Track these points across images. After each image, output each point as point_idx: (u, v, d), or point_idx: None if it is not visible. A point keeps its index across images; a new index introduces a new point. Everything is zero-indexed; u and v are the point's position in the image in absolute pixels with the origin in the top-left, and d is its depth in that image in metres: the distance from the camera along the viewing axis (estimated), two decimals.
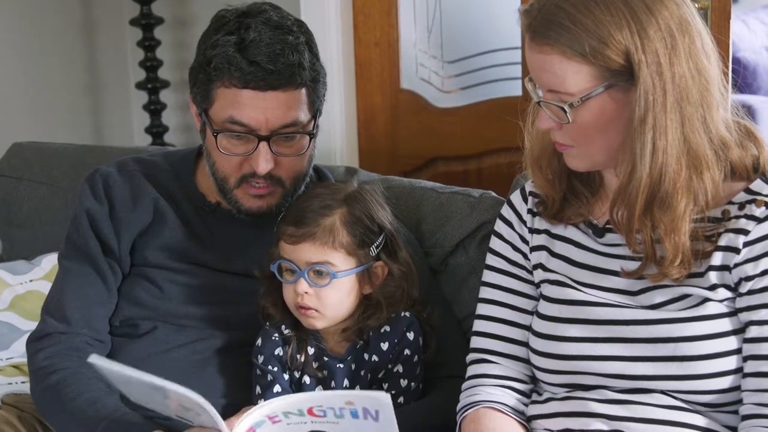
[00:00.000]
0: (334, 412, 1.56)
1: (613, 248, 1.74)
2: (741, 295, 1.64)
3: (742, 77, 4.56)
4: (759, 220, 1.63)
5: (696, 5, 1.89)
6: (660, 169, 1.60)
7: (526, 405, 1.80)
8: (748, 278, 1.63)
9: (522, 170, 1.85)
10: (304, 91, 1.95)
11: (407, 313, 1.94)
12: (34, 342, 2.02)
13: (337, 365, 1.91)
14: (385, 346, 1.91)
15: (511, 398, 1.80)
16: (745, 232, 1.63)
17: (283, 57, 1.91)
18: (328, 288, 1.87)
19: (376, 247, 1.91)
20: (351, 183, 1.96)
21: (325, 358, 1.92)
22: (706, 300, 1.65)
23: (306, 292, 1.87)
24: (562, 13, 1.58)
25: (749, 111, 1.80)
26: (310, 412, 1.57)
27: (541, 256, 1.80)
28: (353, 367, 1.91)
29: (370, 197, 1.93)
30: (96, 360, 1.70)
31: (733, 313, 1.65)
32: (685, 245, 1.63)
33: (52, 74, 3.60)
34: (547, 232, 1.81)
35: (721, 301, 1.65)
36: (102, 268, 2.04)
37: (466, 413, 1.80)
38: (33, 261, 2.53)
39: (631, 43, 1.57)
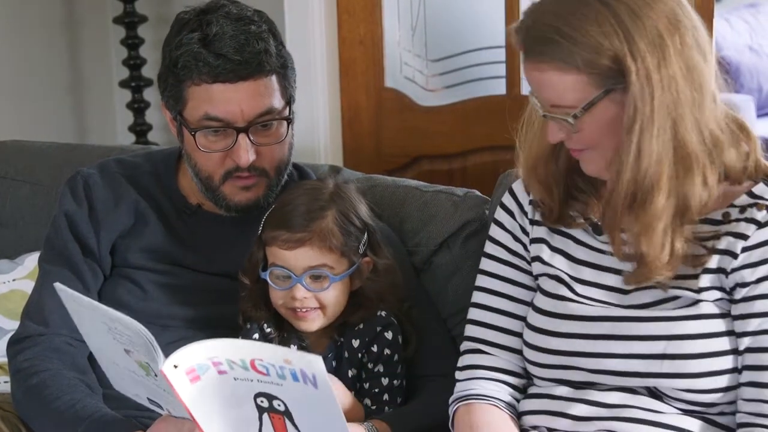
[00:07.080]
0: (276, 371, 1.53)
1: (610, 246, 1.73)
2: (735, 301, 1.63)
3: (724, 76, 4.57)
4: (759, 225, 1.63)
5: None
6: (644, 172, 1.59)
7: (518, 400, 1.80)
8: (744, 284, 1.62)
9: (505, 170, 1.85)
10: (274, 77, 1.96)
11: (383, 313, 1.93)
12: (14, 345, 2.02)
13: None
14: (356, 343, 1.91)
15: (505, 393, 1.80)
16: (745, 237, 1.62)
17: (248, 46, 1.92)
18: (328, 290, 1.87)
19: (363, 244, 1.91)
20: (327, 181, 1.95)
21: None
22: (698, 300, 1.65)
23: (305, 297, 1.86)
24: (550, 30, 1.58)
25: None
26: (253, 366, 1.54)
27: (540, 249, 1.79)
28: (334, 364, 1.91)
29: (351, 194, 1.93)
30: (61, 287, 1.69)
31: (725, 314, 1.65)
32: (665, 245, 1.62)
33: (35, 72, 3.58)
34: (546, 225, 1.80)
35: (712, 301, 1.65)
36: (81, 269, 2.03)
37: (459, 405, 1.80)
38: (16, 260, 2.52)
39: (620, 50, 1.56)
